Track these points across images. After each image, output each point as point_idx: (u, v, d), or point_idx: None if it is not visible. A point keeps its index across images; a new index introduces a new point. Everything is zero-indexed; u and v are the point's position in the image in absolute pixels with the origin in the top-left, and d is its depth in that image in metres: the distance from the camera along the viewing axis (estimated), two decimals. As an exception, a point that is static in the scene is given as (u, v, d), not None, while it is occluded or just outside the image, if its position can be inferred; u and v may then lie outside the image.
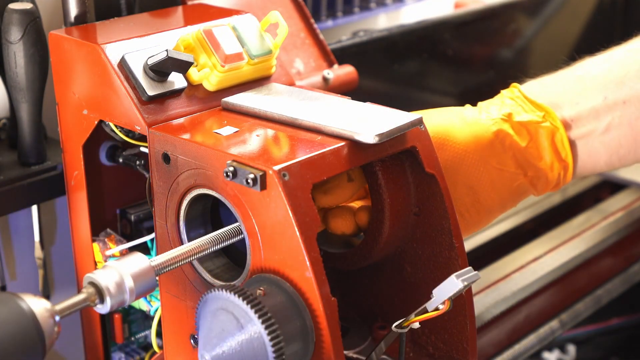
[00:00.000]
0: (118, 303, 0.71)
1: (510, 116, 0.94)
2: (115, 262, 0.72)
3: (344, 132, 0.79)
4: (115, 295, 0.71)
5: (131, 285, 0.72)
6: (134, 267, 0.72)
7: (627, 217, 1.36)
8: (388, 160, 0.84)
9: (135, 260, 0.73)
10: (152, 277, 0.73)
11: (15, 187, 0.95)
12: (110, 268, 0.72)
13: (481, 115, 0.95)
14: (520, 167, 0.94)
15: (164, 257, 0.76)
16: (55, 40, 0.89)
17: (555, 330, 1.19)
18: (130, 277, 0.72)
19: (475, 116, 0.95)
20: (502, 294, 1.15)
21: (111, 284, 0.71)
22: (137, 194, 0.95)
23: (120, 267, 0.72)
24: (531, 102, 0.96)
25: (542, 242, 1.28)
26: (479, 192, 0.93)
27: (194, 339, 0.84)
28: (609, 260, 1.33)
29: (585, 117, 0.96)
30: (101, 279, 0.71)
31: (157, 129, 0.82)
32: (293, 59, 1.03)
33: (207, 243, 0.78)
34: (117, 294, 0.71)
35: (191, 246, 0.78)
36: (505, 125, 0.94)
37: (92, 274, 0.71)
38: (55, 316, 0.67)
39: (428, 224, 0.85)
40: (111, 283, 0.71)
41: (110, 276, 0.71)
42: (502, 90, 0.99)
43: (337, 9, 1.39)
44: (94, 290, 0.71)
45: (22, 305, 0.66)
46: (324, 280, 0.73)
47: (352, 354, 0.88)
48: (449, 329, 0.87)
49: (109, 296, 0.71)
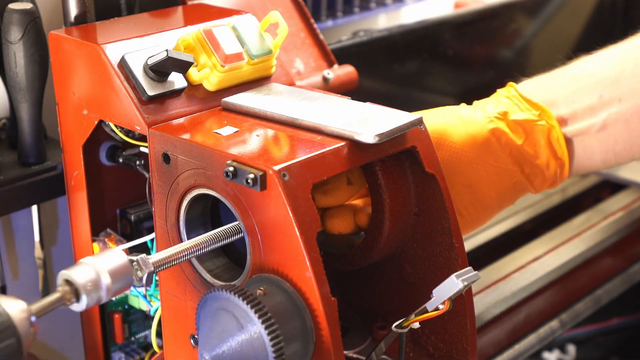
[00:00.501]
0: (94, 301, 0.69)
1: (506, 115, 0.95)
2: (91, 258, 0.70)
3: (344, 132, 0.79)
4: (91, 292, 0.69)
5: (108, 283, 0.69)
6: (110, 264, 0.70)
7: (627, 217, 1.36)
8: (388, 160, 0.84)
9: (111, 256, 0.71)
10: (129, 273, 0.71)
11: (15, 187, 0.95)
12: (85, 265, 0.69)
13: (477, 114, 0.95)
14: (517, 164, 0.95)
15: (162, 254, 0.75)
16: (55, 40, 0.89)
17: (555, 330, 1.19)
18: (107, 273, 0.69)
19: (470, 114, 0.95)
20: (502, 294, 1.15)
21: (87, 282, 0.68)
22: (137, 194, 0.95)
23: (96, 263, 0.70)
24: (527, 100, 0.96)
25: (542, 242, 1.28)
26: (477, 190, 0.93)
27: (194, 339, 0.84)
28: (609, 260, 1.33)
29: (581, 115, 0.96)
30: (76, 276, 0.69)
31: (157, 129, 0.82)
32: (293, 59, 1.03)
33: (205, 241, 0.78)
34: (93, 291, 0.69)
35: (189, 244, 0.77)
36: (501, 123, 0.94)
37: (67, 271, 0.69)
38: (31, 317, 0.66)
39: (428, 224, 0.85)
40: (87, 281, 0.68)
41: (85, 273, 0.69)
42: (499, 89, 0.99)
43: (337, 9, 1.39)
44: (70, 289, 0.68)
45: None
46: (324, 280, 0.73)
47: (352, 354, 0.88)
48: (449, 329, 0.87)
49: (84, 294, 0.68)
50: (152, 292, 0.92)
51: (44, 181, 0.97)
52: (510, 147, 0.94)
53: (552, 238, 1.29)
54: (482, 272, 1.17)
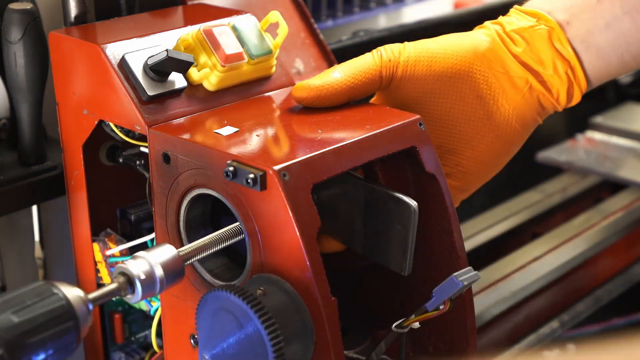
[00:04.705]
0: (148, 293, 0.72)
1: (503, 26, 0.92)
2: (145, 252, 0.73)
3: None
4: (146, 284, 0.72)
5: (161, 275, 0.73)
6: (162, 257, 0.73)
7: (627, 217, 1.36)
8: (388, 160, 0.84)
9: (163, 250, 0.74)
10: (180, 266, 0.74)
11: (15, 187, 0.95)
12: (140, 258, 0.73)
13: (473, 31, 0.93)
14: (527, 68, 0.91)
15: (191, 247, 0.77)
16: (55, 40, 0.89)
17: (555, 330, 1.19)
18: (160, 266, 0.73)
19: (467, 33, 0.93)
20: (502, 294, 1.15)
21: (142, 274, 0.72)
22: (137, 194, 0.95)
23: (149, 257, 0.73)
24: (522, 11, 0.93)
25: (542, 242, 1.28)
26: (491, 101, 0.90)
27: (194, 339, 0.84)
28: (609, 260, 1.33)
29: (580, 16, 0.92)
30: (132, 268, 0.72)
31: (157, 129, 0.82)
32: (293, 59, 1.03)
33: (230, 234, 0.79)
34: (148, 283, 0.72)
35: (216, 236, 0.78)
36: (500, 33, 0.92)
37: (122, 264, 0.72)
38: (89, 304, 0.69)
39: (428, 224, 0.85)
40: (142, 273, 0.72)
41: (140, 266, 0.72)
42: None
43: (337, 9, 1.39)
44: (125, 280, 0.72)
45: (58, 293, 0.67)
46: (324, 280, 0.73)
47: (352, 354, 0.88)
48: (449, 329, 0.87)
49: (140, 285, 0.72)
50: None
51: (44, 181, 0.97)
52: (514, 54, 0.91)
53: (552, 238, 1.29)
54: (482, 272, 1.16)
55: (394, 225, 0.82)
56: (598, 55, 0.92)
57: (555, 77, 0.92)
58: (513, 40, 0.91)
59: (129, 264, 0.73)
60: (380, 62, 0.87)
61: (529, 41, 0.91)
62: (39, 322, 0.65)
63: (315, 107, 0.86)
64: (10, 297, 0.66)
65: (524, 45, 0.91)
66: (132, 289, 0.72)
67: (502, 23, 0.93)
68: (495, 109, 0.90)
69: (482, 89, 0.90)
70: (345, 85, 0.86)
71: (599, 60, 0.93)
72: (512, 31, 0.92)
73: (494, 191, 1.30)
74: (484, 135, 0.90)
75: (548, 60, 0.91)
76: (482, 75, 0.90)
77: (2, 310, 0.65)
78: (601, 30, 0.92)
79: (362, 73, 0.87)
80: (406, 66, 0.88)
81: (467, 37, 0.92)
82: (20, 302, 0.66)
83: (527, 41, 0.91)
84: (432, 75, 0.89)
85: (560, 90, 0.92)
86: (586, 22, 0.92)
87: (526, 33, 0.92)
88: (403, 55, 0.88)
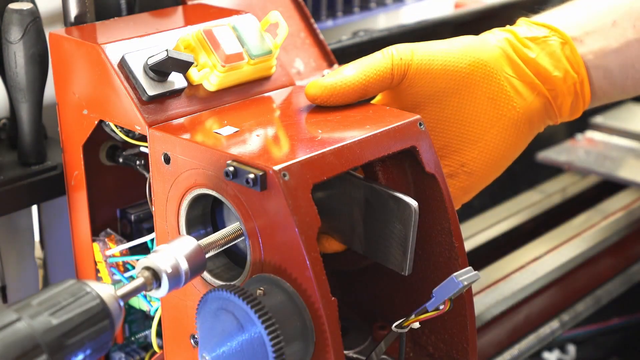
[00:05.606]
0: (174, 287, 0.72)
1: (515, 33, 0.92)
2: (167, 245, 0.73)
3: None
4: (172, 278, 0.71)
5: (186, 268, 0.72)
6: (186, 250, 0.73)
7: (627, 217, 1.36)
8: (388, 160, 0.84)
9: (184, 242, 0.73)
10: (202, 257, 0.74)
11: (15, 187, 0.95)
12: (163, 251, 0.72)
13: (485, 35, 0.93)
14: (538, 75, 0.92)
15: (211, 239, 0.77)
16: (55, 40, 0.89)
17: (555, 330, 1.20)
18: (185, 259, 0.72)
19: (479, 37, 0.93)
20: (502, 294, 1.15)
21: (169, 268, 0.71)
22: (137, 194, 0.95)
23: (172, 250, 0.72)
24: (535, 23, 0.94)
25: (542, 242, 1.28)
26: (501, 104, 0.90)
27: (194, 339, 0.84)
28: (609, 260, 1.33)
29: (594, 36, 0.93)
30: (158, 262, 0.71)
31: (157, 129, 0.82)
32: (293, 59, 1.03)
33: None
34: (174, 276, 0.72)
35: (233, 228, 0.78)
36: (512, 40, 0.92)
37: (147, 259, 0.72)
38: (119, 300, 0.69)
39: (428, 224, 0.85)
40: (169, 267, 0.71)
41: (165, 259, 0.72)
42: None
43: (337, 9, 1.39)
44: (150, 275, 0.71)
45: (91, 292, 0.67)
46: (324, 280, 0.73)
47: (352, 354, 0.88)
48: (449, 329, 0.87)
49: (167, 280, 0.71)
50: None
51: (44, 181, 0.97)
52: (524, 60, 0.91)
53: (552, 238, 1.29)
54: (482, 272, 1.17)
55: (394, 225, 0.82)
56: (605, 76, 0.94)
57: (563, 88, 0.92)
58: (527, 47, 0.92)
59: (154, 258, 0.72)
60: (391, 60, 0.87)
61: (542, 49, 0.92)
62: (76, 322, 0.65)
63: (318, 107, 0.86)
64: (45, 298, 0.65)
65: (537, 52, 0.91)
66: (158, 283, 0.72)
67: (514, 30, 0.93)
68: (505, 111, 0.91)
69: (495, 91, 0.90)
70: (359, 83, 0.86)
71: (604, 81, 0.94)
72: (526, 38, 0.92)
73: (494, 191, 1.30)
74: (492, 137, 0.91)
75: (560, 71, 0.92)
76: (495, 77, 0.90)
77: (39, 312, 0.64)
78: (612, 52, 0.93)
79: (374, 71, 0.87)
80: (420, 65, 0.88)
81: (480, 40, 0.92)
82: (56, 302, 0.65)
83: (541, 49, 0.92)
84: (447, 74, 0.89)
85: (564, 102, 0.93)
86: (599, 42, 0.93)
87: (539, 41, 0.92)
88: (416, 53, 0.88)
